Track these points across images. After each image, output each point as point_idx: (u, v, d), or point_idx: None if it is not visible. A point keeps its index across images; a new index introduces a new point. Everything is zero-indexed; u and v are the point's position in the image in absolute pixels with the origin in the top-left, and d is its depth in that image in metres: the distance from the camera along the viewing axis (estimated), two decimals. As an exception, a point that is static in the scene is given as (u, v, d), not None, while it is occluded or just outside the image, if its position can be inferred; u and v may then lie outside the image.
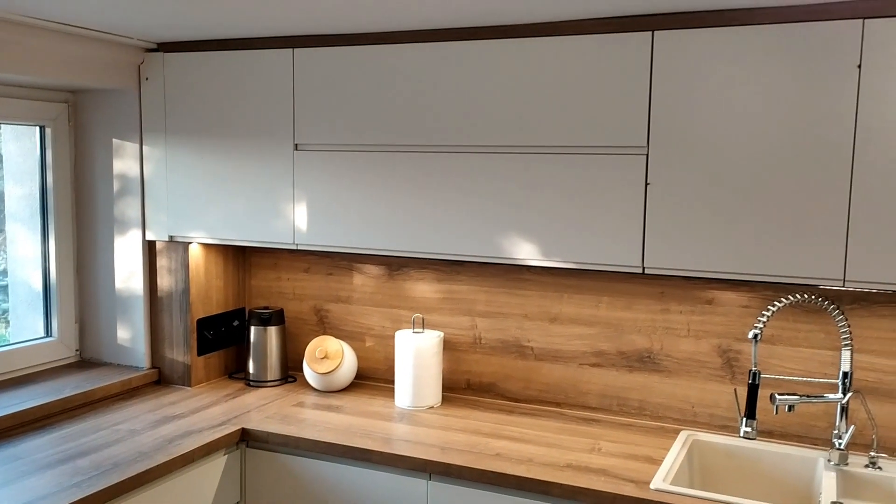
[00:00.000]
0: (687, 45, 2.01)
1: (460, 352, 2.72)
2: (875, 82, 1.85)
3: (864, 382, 2.22)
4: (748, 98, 1.97)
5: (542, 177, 2.21)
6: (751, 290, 2.33)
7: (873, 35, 1.84)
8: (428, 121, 2.33)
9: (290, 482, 2.33)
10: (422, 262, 2.75)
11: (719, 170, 2.02)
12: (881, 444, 2.20)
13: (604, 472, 2.07)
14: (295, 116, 2.51)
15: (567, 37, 2.14)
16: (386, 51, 2.36)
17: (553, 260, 2.23)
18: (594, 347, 2.54)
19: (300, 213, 2.53)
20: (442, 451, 2.20)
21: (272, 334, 2.84)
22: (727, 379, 2.38)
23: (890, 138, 1.85)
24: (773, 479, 2.22)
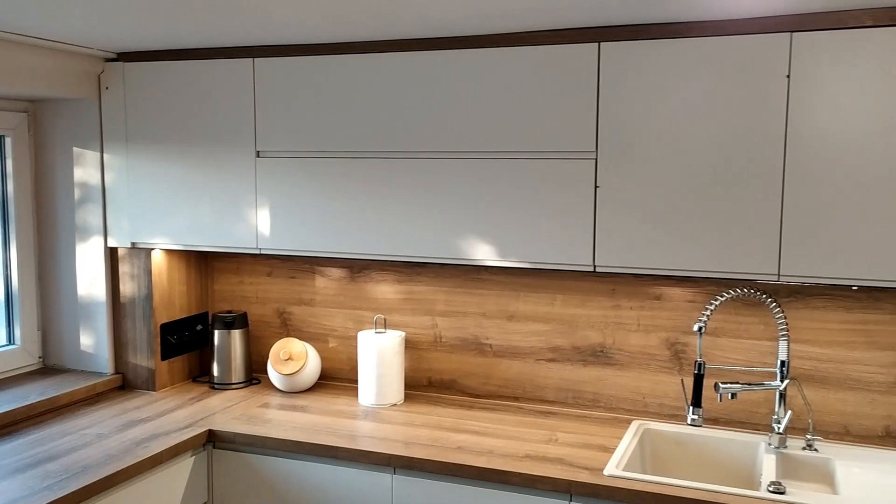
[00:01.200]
0: (631, 56, 2.14)
1: (421, 350, 2.81)
2: (803, 91, 1.99)
3: (800, 370, 2.37)
4: (688, 105, 2.10)
5: (497, 181, 2.31)
6: (696, 285, 2.47)
7: (800, 47, 1.98)
8: (387, 128, 2.41)
9: (257, 481, 2.39)
10: (383, 265, 2.83)
11: (664, 173, 2.14)
12: (817, 428, 2.35)
13: (560, 460, 2.17)
14: (256, 124, 2.57)
15: (519, 48, 2.24)
16: (345, 61, 2.43)
17: (509, 260, 2.33)
18: (550, 343, 2.65)
19: (263, 219, 2.59)
20: (405, 445, 2.28)
21: (236, 337, 2.89)
22: (675, 370, 2.52)
23: (817, 143, 1.99)
24: (719, 463, 2.36)
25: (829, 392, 2.34)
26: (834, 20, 1.95)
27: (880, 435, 2.30)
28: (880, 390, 2.29)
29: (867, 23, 1.92)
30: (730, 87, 2.05)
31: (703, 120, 2.09)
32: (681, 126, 2.11)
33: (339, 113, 2.46)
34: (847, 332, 2.31)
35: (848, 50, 1.94)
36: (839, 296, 2.31)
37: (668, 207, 2.15)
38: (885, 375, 2.28)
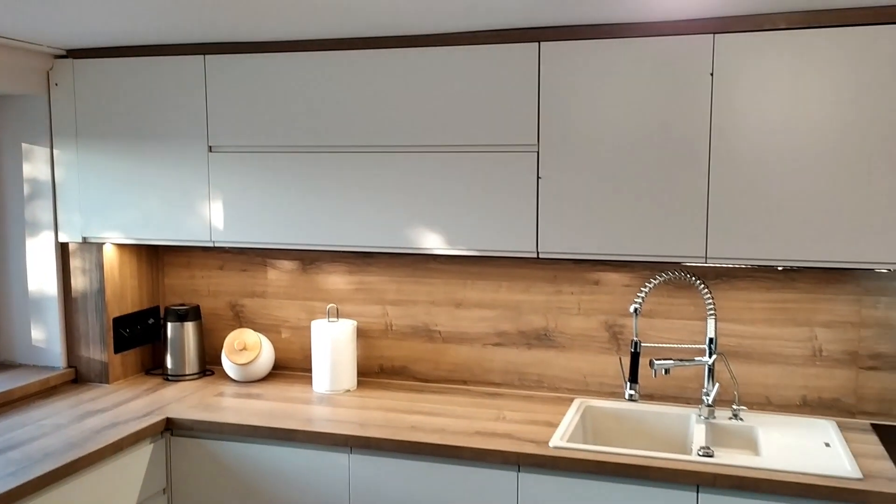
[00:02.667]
0: (569, 55, 2.28)
1: (373, 338, 2.91)
2: (725, 87, 2.17)
3: (726, 347, 2.56)
4: (622, 101, 2.26)
5: (444, 173, 2.43)
6: (631, 270, 2.63)
7: (722, 48, 2.16)
8: (337, 123, 2.51)
9: (216, 467, 2.45)
10: (334, 256, 2.92)
11: (601, 164, 2.30)
12: (742, 399, 2.55)
13: (508, 436, 2.31)
14: (208, 120, 2.63)
15: (464, 47, 2.37)
16: (295, 58, 2.52)
17: (458, 248, 2.46)
18: (496, 328, 2.79)
19: (216, 212, 2.65)
20: (361, 426, 2.38)
21: (189, 330, 2.94)
22: (613, 350, 2.68)
23: (739, 135, 2.18)
24: (655, 434, 2.53)
25: (752, 366, 2.54)
26: (752, 23, 2.13)
27: (798, 404, 2.51)
28: (797, 363, 2.50)
29: (781, 25, 2.11)
30: (659, 84, 2.22)
31: (635, 114, 2.25)
32: (616, 120, 2.27)
33: (291, 109, 2.55)
34: (768, 310, 2.51)
35: (764, 50, 2.13)
36: (761, 277, 2.51)
37: (605, 196, 2.30)
38: (801, 349, 2.49)
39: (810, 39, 2.09)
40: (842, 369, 2.46)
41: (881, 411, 2.43)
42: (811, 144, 2.12)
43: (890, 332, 2.41)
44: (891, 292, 2.39)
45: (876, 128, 2.07)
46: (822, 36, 2.08)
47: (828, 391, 2.48)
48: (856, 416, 2.46)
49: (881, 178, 2.08)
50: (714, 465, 2.07)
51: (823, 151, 2.11)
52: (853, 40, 2.06)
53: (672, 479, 2.06)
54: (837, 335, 2.45)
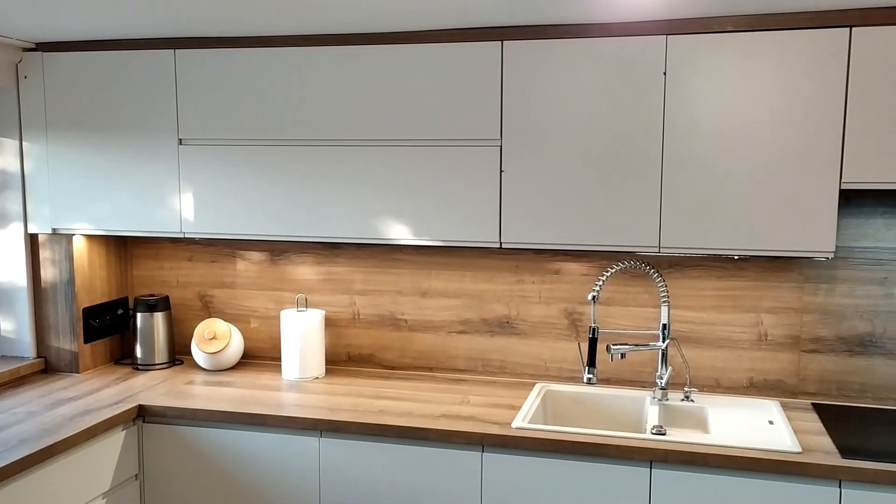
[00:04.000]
0: (531, 53, 2.39)
1: (341, 327, 2.99)
2: (677, 86, 2.30)
3: (679, 332, 2.69)
4: (581, 98, 2.37)
5: (411, 166, 2.52)
6: (589, 260, 2.75)
7: (675, 48, 2.28)
8: (306, 117, 2.58)
9: (188, 452, 2.51)
10: (302, 247, 2.99)
11: (560, 158, 2.41)
12: (693, 382, 2.69)
13: (472, 418, 2.41)
14: (178, 113, 2.68)
15: (430, 44, 2.46)
16: (265, 53, 2.58)
17: (423, 239, 2.55)
18: (460, 317, 2.89)
19: (187, 204, 2.71)
20: (330, 411, 2.46)
21: (159, 320, 2.99)
22: (573, 337, 2.80)
23: (690, 131, 2.30)
24: (611, 416, 2.66)
25: (703, 350, 2.68)
26: (702, 25, 2.26)
27: (745, 385, 2.65)
28: (745, 347, 2.64)
29: (728, 28, 2.24)
30: (616, 83, 2.34)
31: (593, 111, 2.37)
32: (575, 116, 2.38)
33: (261, 103, 2.61)
34: (717, 297, 2.65)
35: (714, 51, 2.26)
36: (711, 266, 2.64)
37: (565, 189, 2.42)
38: (748, 334, 2.63)
39: (756, 41, 2.23)
40: (785, 352, 2.61)
41: (821, 391, 2.59)
42: (756, 141, 2.26)
43: (829, 317, 2.56)
44: (829, 280, 2.55)
45: (815, 126, 2.21)
46: (767, 38, 2.22)
47: (772, 373, 2.63)
48: (798, 397, 2.61)
49: (819, 174, 2.22)
50: (666, 442, 2.20)
51: (767, 147, 2.25)
52: (795, 43, 2.20)
53: (627, 456, 2.18)
54: (781, 320, 2.60)
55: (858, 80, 2.17)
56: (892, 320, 2.51)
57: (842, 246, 2.53)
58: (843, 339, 2.56)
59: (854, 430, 2.30)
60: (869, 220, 2.50)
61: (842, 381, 2.57)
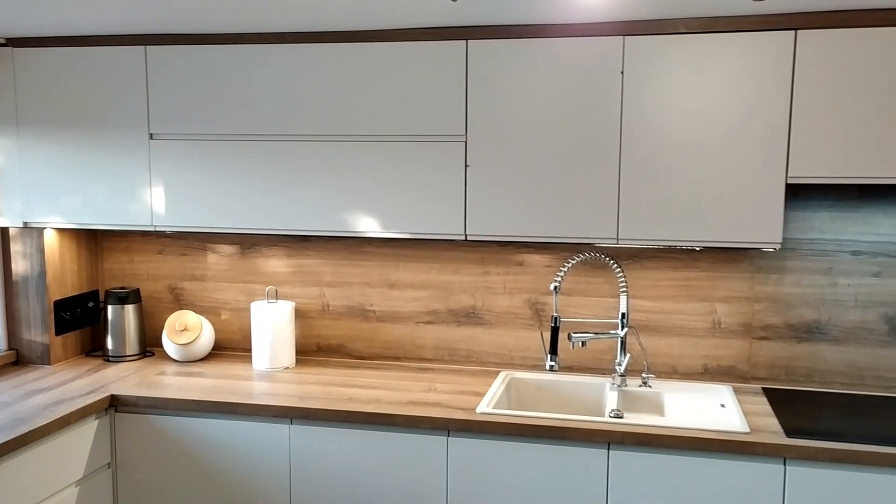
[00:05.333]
0: (495, 52, 2.47)
1: (311, 319, 3.06)
2: (634, 85, 2.40)
3: (637, 321, 2.80)
4: (542, 96, 2.46)
5: (379, 161, 2.60)
6: (552, 252, 2.85)
7: (631, 49, 2.39)
8: (277, 113, 2.64)
9: (160, 441, 2.57)
10: (272, 240, 3.05)
11: (523, 154, 2.50)
12: (650, 369, 2.80)
13: (439, 404, 2.50)
14: (149, 109, 2.72)
15: (397, 43, 2.53)
16: (235, 50, 2.64)
17: (392, 231, 2.63)
18: (427, 307, 2.97)
19: (157, 198, 2.75)
20: (300, 399, 2.53)
21: (129, 312, 3.03)
22: (536, 326, 2.90)
23: (646, 128, 2.41)
24: (573, 401, 2.76)
25: (660, 338, 2.79)
26: (656, 27, 2.36)
27: (700, 371, 2.77)
28: (699, 335, 2.76)
29: (682, 29, 2.35)
30: (576, 81, 2.43)
31: (554, 108, 2.46)
32: (537, 113, 2.47)
33: (231, 99, 2.67)
34: (673, 287, 2.76)
35: (668, 52, 2.36)
36: (667, 257, 2.76)
37: (528, 183, 2.51)
38: (702, 322, 2.75)
39: (707, 43, 2.34)
40: (737, 340, 2.73)
41: (770, 376, 2.72)
42: (708, 137, 2.37)
43: (778, 306, 2.69)
44: (778, 270, 2.68)
45: (762, 123, 2.33)
46: (718, 40, 2.33)
47: (725, 359, 2.75)
48: (749, 381, 2.74)
49: (766, 169, 2.34)
50: (623, 425, 2.30)
51: (718, 144, 2.36)
52: (744, 45, 2.31)
53: (586, 439, 2.28)
54: (734, 309, 2.72)
55: (803, 80, 2.29)
56: (836, 308, 2.65)
57: (790, 238, 2.65)
58: (792, 327, 2.69)
59: (800, 411, 2.43)
60: (815, 214, 2.63)
61: (790, 367, 2.70)
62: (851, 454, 2.12)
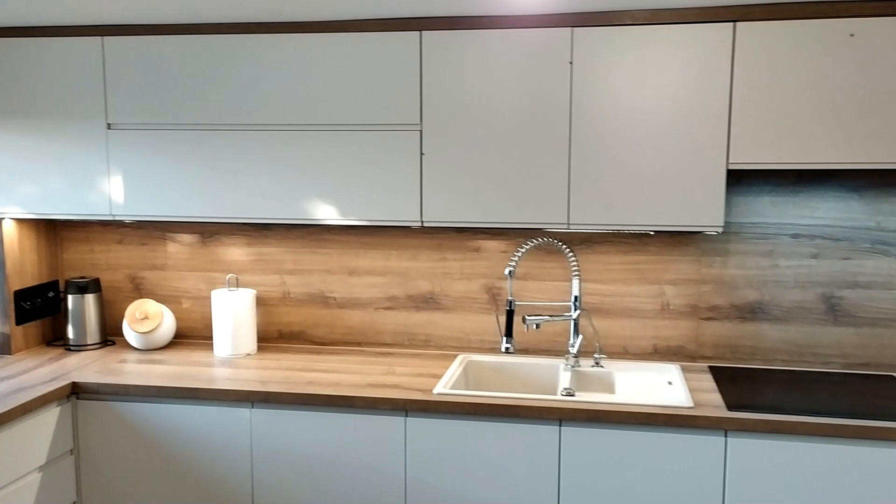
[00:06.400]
0: (448, 43, 2.54)
1: (272, 306, 3.11)
2: (582, 74, 2.48)
3: (589, 304, 2.90)
4: (495, 85, 2.53)
5: (336, 150, 2.65)
6: (507, 238, 2.93)
7: (580, 40, 2.47)
8: (235, 103, 2.68)
9: (122, 427, 2.60)
10: (232, 229, 3.09)
11: (477, 142, 2.57)
12: (603, 349, 2.90)
13: (397, 386, 2.56)
14: (107, 99, 2.74)
15: (353, 34, 2.58)
16: (192, 41, 2.67)
17: (350, 219, 2.68)
18: (387, 293, 3.03)
19: (116, 187, 2.77)
20: (262, 383, 2.58)
21: (90, 301, 3.04)
22: (492, 310, 2.98)
23: (595, 116, 2.49)
24: (528, 382, 2.85)
25: (611, 320, 2.89)
26: (604, 19, 2.45)
27: (650, 351, 2.88)
28: (649, 316, 2.87)
29: (627, 21, 2.43)
30: (527, 71, 2.51)
31: (507, 97, 2.54)
32: (490, 102, 2.55)
33: (189, 89, 2.69)
34: (624, 271, 2.86)
35: (615, 42, 2.45)
36: (618, 242, 2.86)
37: (482, 171, 2.58)
38: (652, 304, 2.86)
39: (652, 34, 2.43)
40: (685, 320, 2.84)
41: (716, 355, 2.84)
42: (653, 125, 2.46)
43: (723, 287, 2.81)
44: (723, 253, 2.79)
45: (704, 112, 2.43)
46: (661, 32, 2.42)
47: (674, 340, 2.86)
48: (696, 360, 2.85)
49: (708, 155, 2.44)
50: (574, 402, 2.39)
51: (663, 132, 2.46)
52: (686, 36, 2.41)
53: (539, 416, 2.37)
54: (681, 291, 2.83)
55: (742, 70, 2.39)
56: (777, 289, 2.77)
57: (734, 222, 2.77)
58: (736, 307, 2.80)
59: (742, 387, 2.54)
60: (757, 199, 2.75)
61: (735, 346, 2.82)
62: (787, 425, 2.23)
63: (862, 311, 2.72)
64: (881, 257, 2.69)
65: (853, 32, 2.32)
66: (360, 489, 2.49)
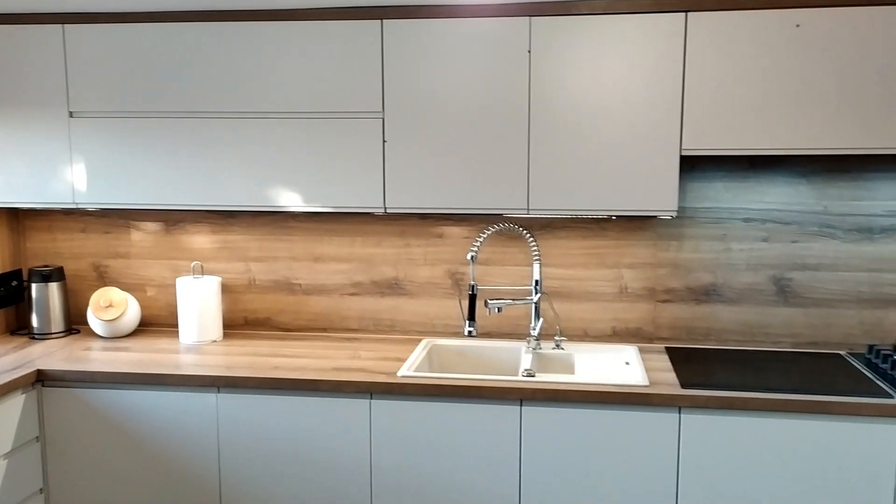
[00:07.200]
0: (409, 31, 2.58)
1: (237, 293, 3.13)
2: (541, 63, 2.54)
3: (550, 288, 2.97)
4: (456, 73, 2.58)
5: (301, 137, 2.68)
6: (469, 224, 2.99)
7: (538, 29, 2.52)
8: (198, 90, 2.69)
9: (88, 414, 2.61)
10: (197, 216, 3.10)
11: (438, 129, 2.62)
12: (563, 332, 2.98)
13: (362, 370, 2.61)
14: (68, 87, 2.74)
15: (315, 22, 2.61)
16: (154, 28, 2.67)
17: (314, 206, 2.72)
18: (352, 280, 3.08)
19: (79, 175, 2.77)
20: (228, 368, 2.61)
21: (54, 290, 3.04)
22: (456, 295, 3.04)
23: (553, 104, 2.55)
24: (491, 364, 2.91)
25: (572, 304, 2.97)
26: (561, 8, 2.51)
27: (609, 334, 2.96)
28: (608, 299, 2.95)
29: (584, 11, 2.50)
30: (486, 59, 2.56)
31: (467, 85, 2.59)
32: (450, 90, 2.59)
33: (152, 76, 2.70)
34: (584, 255, 2.94)
35: (572, 31, 2.51)
36: (578, 227, 2.93)
37: (443, 157, 2.63)
38: (611, 288, 2.94)
39: (607, 24, 2.49)
40: (642, 303, 2.93)
41: (673, 336, 2.93)
42: (609, 112, 2.53)
43: (679, 271, 2.89)
44: (678, 237, 2.88)
45: (658, 99, 2.50)
46: (617, 21, 2.49)
47: (632, 322, 2.94)
48: (653, 341, 2.94)
49: (662, 142, 2.52)
50: (534, 382, 2.46)
51: (618, 119, 2.53)
52: (640, 25, 2.48)
53: (500, 396, 2.44)
54: (639, 275, 2.92)
55: (694, 59, 2.47)
56: (731, 272, 2.87)
57: (688, 206, 2.85)
58: (691, 290, 2.89)
59: (696, 367, 2.63)
60: (711, 184, 2.84)
61: (690, 327, 2.91)
62: (738, 401, 2.32)
63: (810, 292, 2.83)
64: (828, 240, 2.80)
65: (799, 23, 2.41)
66: (326, 471, 2.54)
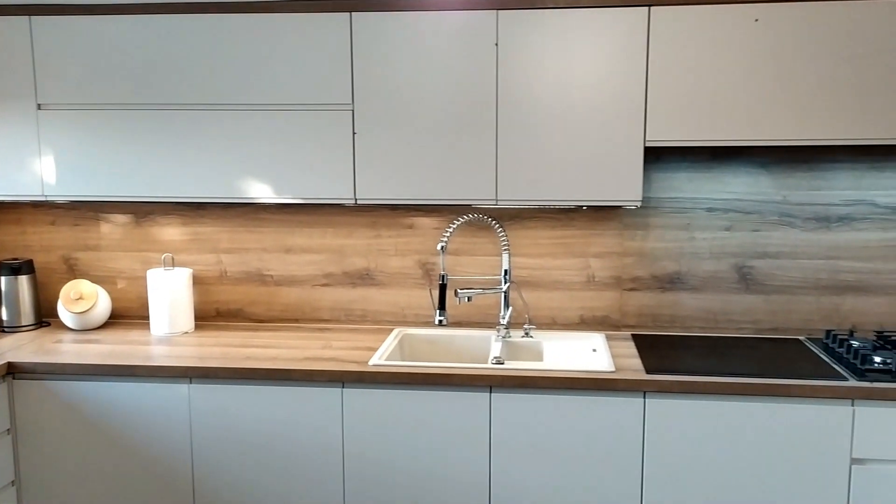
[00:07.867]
0: (377, 24, 2.60)
1: (208, 285, 3.14)
2: (508, 55, 2.58)
3: (519, 277, 3.02)
4: (425, 66, 2.61)
5: (271, 129, 2.70)
6: (440, 214, 3.03)
7: (505, 22, 2.56)
8: (166, 82, 2.69)
9: (60, 406, 2.62)
10: (167, 208, 3.11)
11: (407, 121, 2.65)
12: (532, 321, 3.03)
13: (334, 359, 2.64)
14: (36, 79, 2.73)
15: (284, 14, 2.63)
16: (123, 21, 2.67)
17: (284, 197, 2.74)
18: (323, 271, 3.10)
19: (48, 168, 2.77)
20: (200, 359, 2.63)
21: (23, 283, 3.03)
22: (426, 285, 3.08)
23: (520, 96, 2.60)
24: (461, 353, 2.96)
25: (540, 292, 3.02)
26: (528, 2, 2.55)
27: (577, 322, 3.02)
28: (576, 288, 3.00)
29: (550, 4, 2.54)
30: (454, 52, 2.60)
31: (435, 77, 2.62)
32: (419, 82, 2.63)
33: (120, 69, 2.70)
34: (552, 245, 2.99)
35: (538, 24, 2.55)
36: (546, 218, 2.98)
37: (413, 149, 2.67)
38: (578, 277, 3.00)
39: (572, 17, 2.54)
40: (609, 291, 2.99)
41: (639, 323, 2.99)
42: (575, 104, 2.58)
43: (644, 260, 2.96)
44: (644, 227, 2.94)
45: (622, 91, 2.56)
46: (581, 15, 2.53)
47: (599, 310, 3.00)
48: (620, 329, 3.00)
49: (627, 133, 2.57)
50: (503, 370, 2.51)
51: (584, 110, 2.58)
52: (604, 19, 2.53)
53: (469, 383, 2.48)
54: (606, 264, 2.98)
55: (657, 52, 2.53)
56: (694, 260, 2.94)
57: (653, 197, 2.92)
58: (656, 278, 2.96)
59: (661, 353, 2.70)
60: (675, 175, 2.90)
61: (656, 314, 2.98)
62: (700, 385, 2.39)
63: (771, 280, 2.91)
64: (788, 229, 2.88)
65: (757, 17, 2.47)
66: (298, 459, 2.57)
